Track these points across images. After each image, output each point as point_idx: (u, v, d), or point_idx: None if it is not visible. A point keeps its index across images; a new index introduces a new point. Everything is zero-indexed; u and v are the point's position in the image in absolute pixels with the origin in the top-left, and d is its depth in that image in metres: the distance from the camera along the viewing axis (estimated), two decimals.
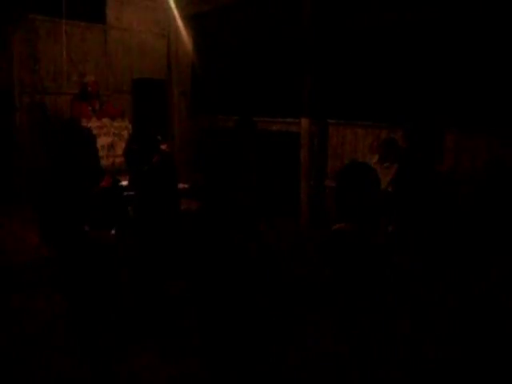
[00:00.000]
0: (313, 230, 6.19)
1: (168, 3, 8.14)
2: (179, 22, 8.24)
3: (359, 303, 2.84)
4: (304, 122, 6.31)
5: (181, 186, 4.92)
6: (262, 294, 3.72)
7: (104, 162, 5.49)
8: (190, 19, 8.29)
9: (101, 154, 5.51)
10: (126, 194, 4.58)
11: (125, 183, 4.79)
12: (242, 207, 4.60)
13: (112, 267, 3.57)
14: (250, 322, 3.45)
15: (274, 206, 6.51)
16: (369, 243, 2.79)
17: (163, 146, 4.36)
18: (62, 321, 3.48)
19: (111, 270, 3.55)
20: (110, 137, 5.61)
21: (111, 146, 5.60)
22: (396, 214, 3.73)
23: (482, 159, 4.80)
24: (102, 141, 5.54)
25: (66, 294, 3.45)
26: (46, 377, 2.96)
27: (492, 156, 4.73)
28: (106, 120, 5.60)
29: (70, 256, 3.26)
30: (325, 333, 3.30)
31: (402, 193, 3.83)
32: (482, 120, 4.87)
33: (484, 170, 4.69)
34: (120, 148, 5.40)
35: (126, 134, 5.62)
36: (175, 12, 8.19)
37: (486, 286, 3.68)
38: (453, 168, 5.02)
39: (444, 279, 3.95)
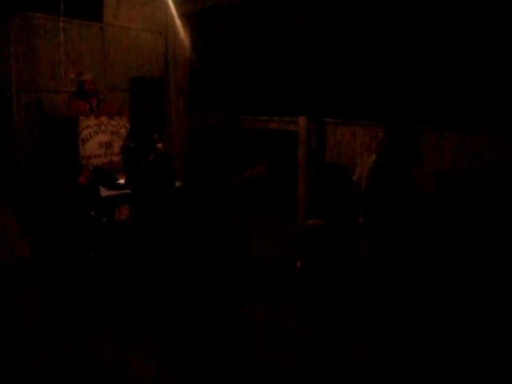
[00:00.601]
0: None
1: (165, 1, 8.13)
2: (177, 20, 8.23)
3: (323, 290, 2.99)
4: (302, 120, 6.31)
5: (178, 184, 4.92)
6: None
7: (101, 160, 5.48)
8: (188, 17, 8.28)
9: (98, 152, 5.50)
10: (122, 192, 4.59)
11: (122, 181, 4.79)
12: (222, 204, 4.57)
13: (84, 258, 3.63)
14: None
15: (270, 205, 6.52)
16: (337, 237, 3.00)
17: (160, 145, 4.35)
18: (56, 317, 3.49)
19: (83, 260, 3.61)
20: (108, 135, 5.58)
21: (109, 144, 5.57)
22: (367, 209, 3.90)
23: (480, 159, 4.80)
24: (100, 139, 5.52)
25: (43, 286, 3.48)
26: (34, 375, 2.96)
27: (490, 156, 4.73)
28: (103, 118, 5.57)
29: (43, 245, 3.35)
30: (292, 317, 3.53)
31: (373, 188, 3.94)
32: (481, 120, 4.87)
33: (482, 170, 4.70)
34: (118, 146, 5.38)
35: (123, 132, 5.59)
36: (173, 10, 8.18)
37: (483, 286, 3.70)
38: (451, 167, 5.03)
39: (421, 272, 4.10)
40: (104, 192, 4.59)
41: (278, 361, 3.21)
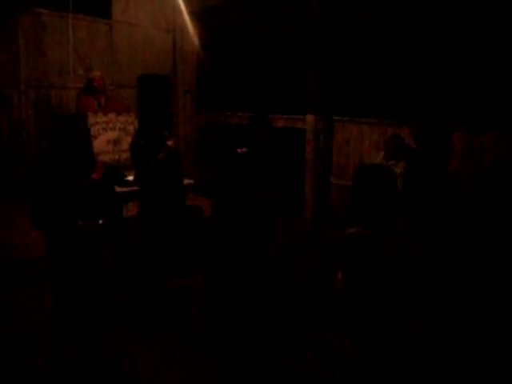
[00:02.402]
0: (318, 228, 6.18)
1: None
2: (185, 18, 8.24)
3: (373, 309, 2.82)
4: (309, 118, 6.30)
5: (186, 181, 4.93)
6: (273, 296, 3.70)
7: (110, 157, 5.49)
8: (196, 14, 8.28)
9: (106, 148, 5.51)
10: (131, 189, 4.60)
11: (131, 178, 4.80)
12: (263, 207, 4.56)
13: (98, 255, 3.62)
14: (259, 324, 3.44)
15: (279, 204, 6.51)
16: (382, 249, 2.72)
17: (169, 142, 4.36)
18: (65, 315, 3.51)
19: (97, 258, 3.60)
20: (116, 132, 5.58)
21: (117, 141, 5.57)
22: (408, 214, 3.66)
23: (488, 158, 4.78)
24: (108, 136, 5.52)
25: (57, 283, 3.49)
26: (44, 373, 2.97)
27: (499, 155, 4.71)
28: (111, 115, 5.58)
29: (57, 241, 3.35)
30: (339, 336, 3.24)
31: (413, 192, 3.76)
32: (490, 119, 4.85)
33: (490, 169, 4.68)
34: (126, 143, 5.39)
35: (131, 128, 5.60)
36: (181, 7, 8.20)
37: (494, 287, 3.67)
38: (460, 167, 5.01)
39: (456, 280, 3.93)
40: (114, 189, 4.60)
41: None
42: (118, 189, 4.63)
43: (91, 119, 5.41)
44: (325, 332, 3.37)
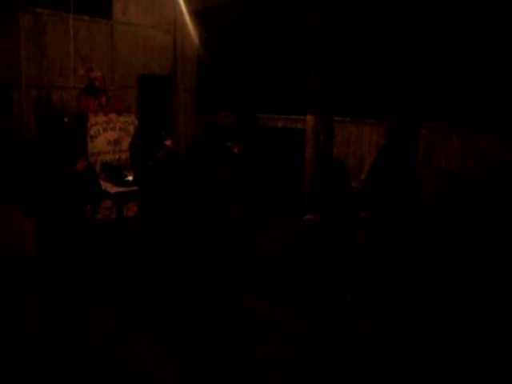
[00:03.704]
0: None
1: None
2: (185, 18, 8.26)
3: (318, 287, 3.00)
4: (309, 118, 6.31)
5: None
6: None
7: (110, 157, 5.51)
8: (196, 14, 8.29)
9: (107, 148, 5.53)
10: (130, 189, 4.62)
11: (130, 178, 4.81)
12: (246, 203, 4.63)
13: (84, 240, 3.80)
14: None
15: (277, 203, 6.52)
16: (331, 232, 3.02)
17: (168, 142, 4.37)
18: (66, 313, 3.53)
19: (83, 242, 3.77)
20: (116, 132, 5.61)
21: (117, 141, 5.60)
22: (368, 204, 3.89)
23: (487, 159, 4.78)
24: (108, 136, 5.55)
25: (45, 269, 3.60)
26: (46, 368, 3.00)
27: (497, 156, 4.72)
28: (112, 115, 5.61)
29: (43, 227, 3.53)
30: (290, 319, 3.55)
31: (374, 183, 3.95)
32: (489, 120, 4.85)
33: (489, 170, 4.68)
34: (126, 143, 5.40)
35: (132, 128, 5.62)
36: (181, 7, 8.21)
37: (490, 286, 3.69)
38: (458, 166, 5.02)
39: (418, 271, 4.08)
40: (112, 188, 4.63)
41: (275, 354, 3.24)
42: (117, 189, 4.65)
43: (92, 119, 5.44)
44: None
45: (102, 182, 4.17)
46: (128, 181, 4.80)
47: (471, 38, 4.94)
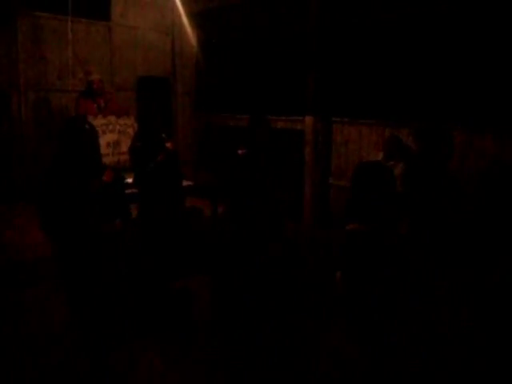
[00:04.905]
0: (318, 229, 6.20)
1: (173, 1, 8.16)
2: (184, 20, 8.26)
3: (372, 306, 2.83)
4: (308, 119, 6.32)
5: (185, 183, 4.95)
6: (274, 295, 3.72)
7: (109, 160, 5.51)
8: (195, 17, 8.30)
9: (106, 151, 5.53)
10: (130, 191, 4.62)
11: (130, 180, 4.82)
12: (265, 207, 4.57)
13: (116, 257, 3.60)
14: (260, 325, 3.45)
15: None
16: (383, 245, 2.73)
17: (168, 144, 4.38)
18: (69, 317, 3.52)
19: (114, 260, 3.58)
20: (116, 134, 5.61)
21: (116, 144, 5.60)
22: (409, 215, 3.68)
23: (487, 159, 4.79)
24: (108, 138, 5.55)
25: (66, 287, 3.48)
26: (46, 373, 2.98)
27: (497, 156, 4.72)
28: (111, 117, 5.61)
29: (70, 247, 3.28)
30: (338, 335, 3.26)
31: (415, 193, 3.78)
32: (489, 119, 4.86)
33: (489, 170, 4.69)
34: (125, 145, 5.41)
35: (131, 131, 5.63)
36: (180, 9, 8.22)
37: (493, 287, 3.68)
38: (459, 168, 5.02)
39: (455, 280, 3.95)
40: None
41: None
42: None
43: (90, 122, 5.42)
44: (326, 331, 3.40)
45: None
46: (128, 183, 4.80)
47: (470, 38, 4.95)
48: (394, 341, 2.83)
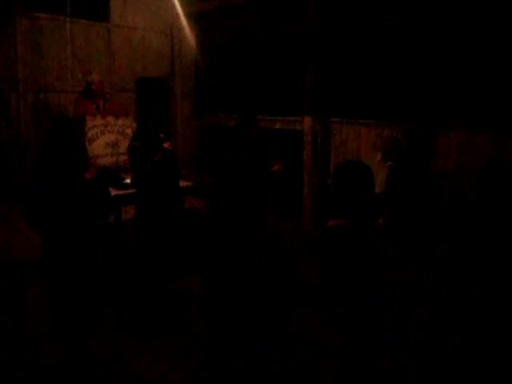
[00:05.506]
0: (316, 228, 6.20)
1: (172, 1, 8.16)
2: (183, 21, 8.27)
3: (352, 298, 2.91)
4: (307, 120, 6.32)
5: (184, 183, 4.95)
6: (261, 291, 3.76)
7: (108, 160, 5.50)
8: (194, 17, 8.31)
9: (105, 151, 5.52)
10: (128, 192, 4.62)
11: (128, 181, 4.82)
12: (250, 204, 4.61)
13: (95, 256, 3.67)
14: (251, 320, 3.48)
15: (276, 205, 6.53)
16: (364, 240, 2.86)
17: (166, 144, 4.38)
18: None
19: (94, 258, 3.64)
20: (114, 135, 5.59)
21: (115, 144, 5.58)
22: (388, 210, 3.76)
23: (484, 158, 4.80)
24: (106, 139, 5.53)
25: (51, 283, 3.52)
26: (41, 373, 2.99)
27: (494, 155, 4.73)
28: (110, 118, 5.59)
29: (52, 241, 3.37)
30: (319, 325, 3.38)
31: (395, 190, 3.85)
32: (486, 120, 4.86)
33: (486, 169, 4.70)
34: (124, 146, 5.39)
35: (130, 132, 5.61)
36: (179, 10, 8.22)
37: (487, 284, 3.70)
38: (456, 166, 5.02)
39: (434, 274, 4.03)
40: (111, 192, 4.62)
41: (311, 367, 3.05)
42: (115, 192, 4.65)
43: (89, 122, 5.42)
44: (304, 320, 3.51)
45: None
46: (126, 184, 4.81)
47: (467, 38, 4.96)
48: (367, 331, 3.02)
